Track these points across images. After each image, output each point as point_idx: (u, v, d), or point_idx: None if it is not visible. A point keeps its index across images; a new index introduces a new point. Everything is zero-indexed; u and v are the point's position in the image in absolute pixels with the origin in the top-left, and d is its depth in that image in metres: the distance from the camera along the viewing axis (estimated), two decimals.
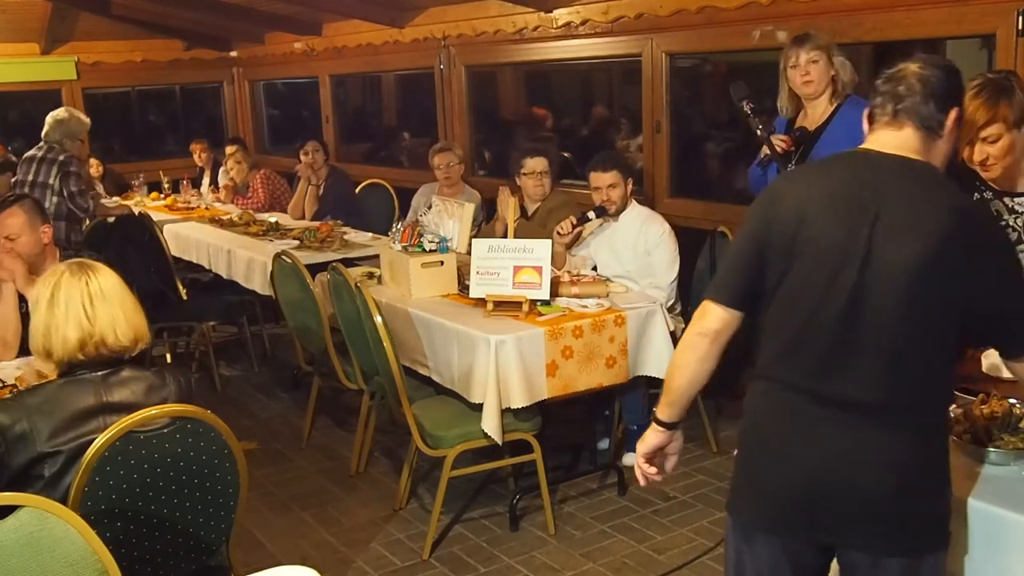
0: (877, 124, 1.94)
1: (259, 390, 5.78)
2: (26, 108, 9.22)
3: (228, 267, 5.83)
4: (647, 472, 2.19)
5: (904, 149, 1.90)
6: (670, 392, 2.11)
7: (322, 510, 4.13)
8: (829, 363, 1.88)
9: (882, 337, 1.84)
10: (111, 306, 2.42)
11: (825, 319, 1.87)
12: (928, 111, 1.88)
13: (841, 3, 4.31)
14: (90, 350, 2.38)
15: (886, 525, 1.89)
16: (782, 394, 1.96)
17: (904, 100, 1.89)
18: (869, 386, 1.86)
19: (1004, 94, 2.48)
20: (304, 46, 8.33)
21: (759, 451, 2.03)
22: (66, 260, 3.54)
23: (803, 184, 1.97)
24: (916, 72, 1.89)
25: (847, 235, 1.85)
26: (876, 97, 1.94)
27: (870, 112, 1.97)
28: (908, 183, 1.87)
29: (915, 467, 1.88)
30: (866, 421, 1.87)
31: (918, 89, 1.88)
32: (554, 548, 3.71)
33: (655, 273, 4.29)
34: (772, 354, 1.97)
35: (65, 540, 1.98)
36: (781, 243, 1.92)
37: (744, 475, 2.07)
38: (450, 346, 3.81)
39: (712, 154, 5.71)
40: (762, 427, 2.02)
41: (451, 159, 5.81)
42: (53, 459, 2.29)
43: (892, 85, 1.91)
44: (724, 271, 2.06)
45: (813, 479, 1.91)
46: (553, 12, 5.78)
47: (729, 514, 2.12)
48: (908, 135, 1.90)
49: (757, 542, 2.03)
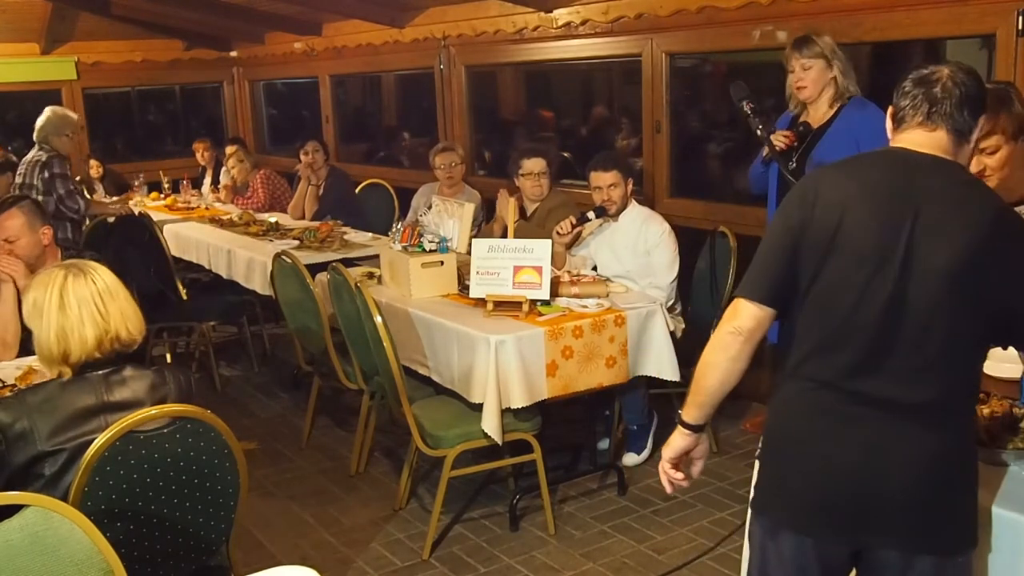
0: (908, 124, 1.94)
1: (259, 390, 5.78)
2: (26, 108, 9.21)
3: (228, 267, 5.83)
4: (674, 478, 2.15)
5: (937, 150, 1.91)
6: (699, 392, 2.06)
7: (322, 510, 4.13)
8: (866, 362, 1.88)
9: (920, 337, 1.84)
10: (119, 302, 2.45)
11: (863, 318, 1.86)
12: (962, 116, 1.90)
13: (841, 3, 4.31)
14: (106, 347, 2.41)
15: (922, 523, 1.89)
16: (815, 393, 1.95)
17: (940, 103, 1.89)
18: (905, 385, 1.86)
19: (1003, 106, 2.47)
20: (304, 46, 8.33)
21: (791, 450, 2.00)
22: (67, 260, 3.56)
23: (842, 182, 1.95)
24: (951, 76, 1.91)
25: (887, 234, 1.84)
26: (904, 98, 1.94)
27: (897, 112, 1.96)
28: (945, 182, 1.88)
29: (949, 465, 1.89)
30: (901, 420, 1.87)
31: (955, 94, 1.89)
32: (554, 548, 3.71)
33: (655, 273, 4.29)
34: (806, 353, 1.96)
35: (71, 539, 1.99)
36: (817, 241, 1.90)
37: (774, 474, 2.05)
38: (450, 346, 3.81)
39: (712, 154, 5.71)
40: (794, 427, 2.00)
41: (453, 159, 5.81)
42: (54, 458, 2.30)
43: (926, 87, 1.91)
44: (757, 268, 2.01)
45: (848, 479, 1.91)
46: (553, 12, 5.78)
47: (756, 513, 2.09)
48: (941, 137, 1.91)
49: (785, 542, 2.01)
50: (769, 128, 3.75)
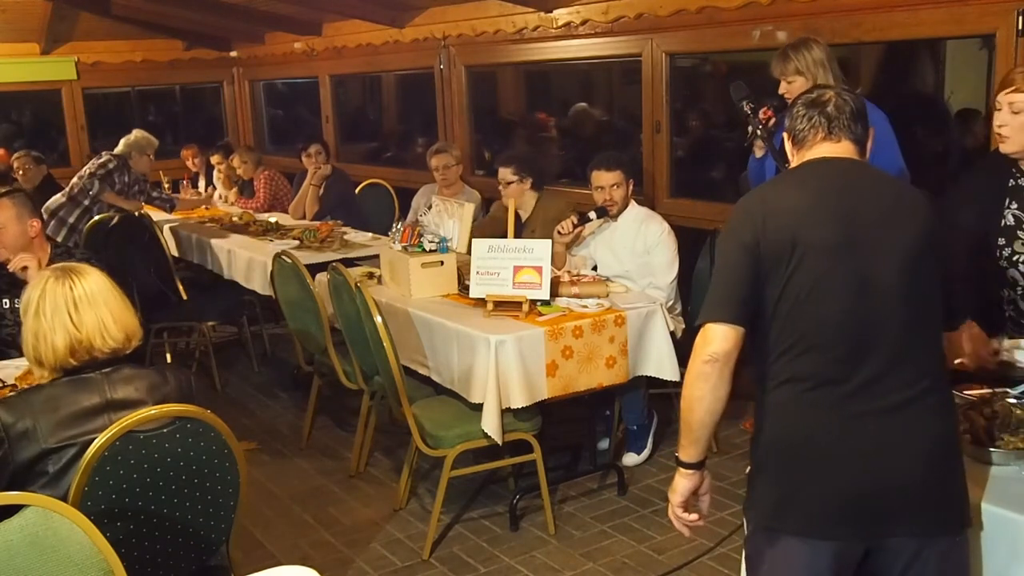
0: (812, 140, 2.09)
1: (259, 390, 5.78)
2: (26, 108, 9.23)
3: (228, 267, 5.83)
4: (688, 521, 2.13)
5: (849, 156, 2.08)
6: (691, 430, 2.03)
7: (322, 510, 4.13)
8: (848, 357, 1.93)
9: (895, 323, 1.93)
10: (97, 309, 2.40)
11: (838, 313, 1.93)
12: (858, 128, 2.08)
13: (841, 3, 4.30)
14: (81, 355, 2.38)
15: (934, 506, 1.94)
16: (812, 393, 1.96)
17: (837, 119, 2.07)
18: (895, 374, 1.93)
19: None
20: (304, 46, 8.32)
21: (800, 458, 1.98)
22: (56, 258, 3.57)
23: (784, 192, 2.07)
24: (838, 95, 2.10)
25: (841, 233, 1.96)
26: (800, 121, 2.10)
27: (797, 135, 2.12)
28: (871, 179, 2.06)
29: (945, 442, 1.98)
30: (896, 407, 1.93)
31: (846, 110, 2.07)
32: (554, 548, 3.71)
33: (654, 273, 4.29)
34: (788, 360, 1.97)
35: (70, 539, 1.99)
36: (777, 252, 1.95)
37: (784, 486, 2.00)
38: (450, 346, 3.81)
39: (712, 154, 5.70)
40: (795, 434, 1.99)
41: (448, 160, 5.79)
42: (58, 455, 2.29)
43: (820, 107, 2.08)
44: (719, 291, 2.03)
45: (860, 476, 1.93)
46: (553, 12, 5.77)
47: (762, 528, 2.04)
48: (847, 147, 2.08)
49: (797, 551, 1.97)
50: (769, 128, 3.74)
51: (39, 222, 3.69)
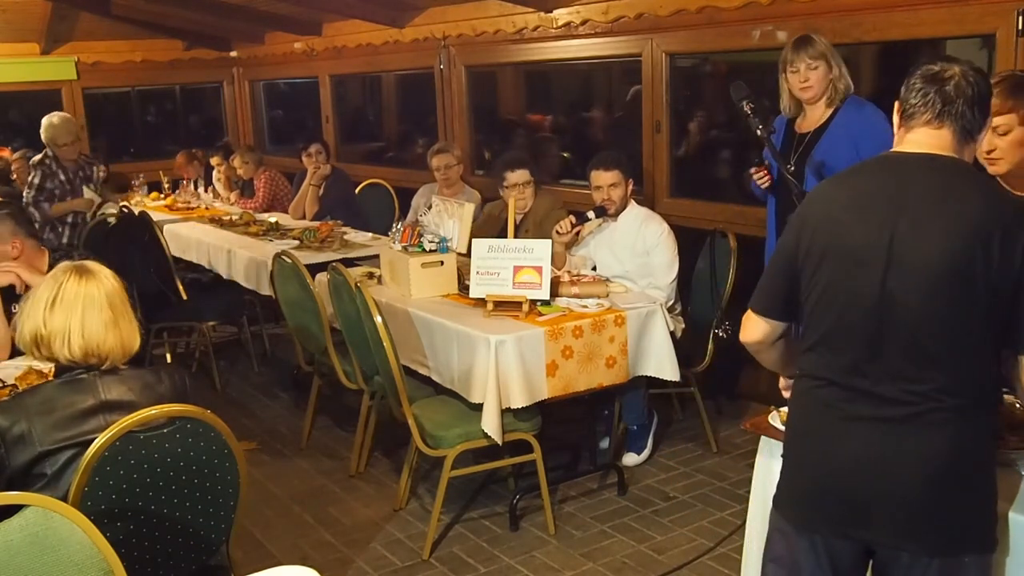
0: (915, 121, 1.94)
1: (259, 390, 5.78)
2: (26, 108, 9.22)
3: (228, 267, 5.83)
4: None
5: (937, 148, 1.92)
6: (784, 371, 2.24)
7: (322, 510, 4.13)
8: (862, 361, 1.92)
9: (913, 335, 1.86)
10: (69, 315, 2.36)
11: (854, 318, 1.92)
12: (971, 115, 1.90)
13: (841, 3, 4.30)
14: (44, 351, 2.38)
15: (923, 523, 1.89)
16: (819, 390, 2.00)
17: (953, 102, 1.89)
18: (904, 383, 1.88)
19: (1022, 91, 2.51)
20: (304, 46, 8.32)
21: (799, 448, 2.07)
22: (56, 261, 3.55)
23: (831, 193, 2.03)
24: (963, 75, 1.90)
25: (871, 235, 1.89)
26: (915, 95, 1.93)
27: (906, 109, 1.96)
28: (934, 180, 1.89)
29: (951, 466, 1.87)
30: (903, 419, 1.89)
31: (967, 93, 1.89)
32: (554, 548, 3.71)
33: (654, 273, 4.28)
34: (810, 356, 2.03)
35: (71, 539, 1.99)
36: (810, 250, 1.98)
37: (787, 471, 2.10)
38: (450, 346, 3.81)
39: (712, 154, 5.71)
40: (799, 425, 2.08)
41: (449, 160, 5.80)
42: (54, 457, 2.29)
43: (939, 85, 1.91)
44: (763, 283, 2.15)
45: (849, 476, 1.94)
46: (553, 12, 5.77)
47: (774, 507, 2.14)
48: (944, 135, 1.92)
49: (800, 539, 2.04)
50: (769, 128, 3.74)
51: (21, 241, 3.56)
